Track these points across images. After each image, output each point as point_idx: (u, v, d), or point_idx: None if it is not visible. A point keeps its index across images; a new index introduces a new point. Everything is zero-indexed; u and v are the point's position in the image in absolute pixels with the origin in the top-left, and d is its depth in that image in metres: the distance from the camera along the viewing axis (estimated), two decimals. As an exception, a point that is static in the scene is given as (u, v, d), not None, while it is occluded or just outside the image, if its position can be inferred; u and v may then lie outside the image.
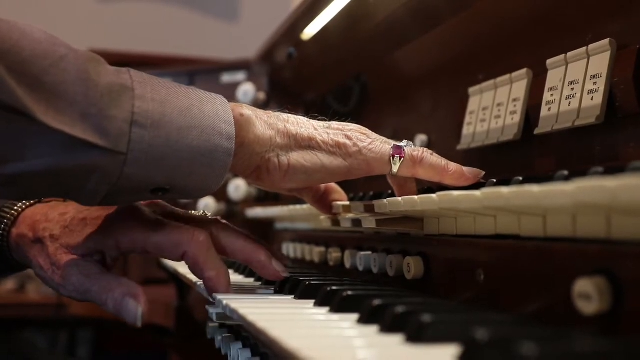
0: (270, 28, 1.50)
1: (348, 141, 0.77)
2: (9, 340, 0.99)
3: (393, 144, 0.77)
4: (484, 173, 0.76)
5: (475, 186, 0.71)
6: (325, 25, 1.22)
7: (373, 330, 0.50)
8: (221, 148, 0.70)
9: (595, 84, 0.69)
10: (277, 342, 0.44)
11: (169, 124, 0.68)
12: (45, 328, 2.60)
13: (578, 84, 0.71)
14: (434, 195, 0.61)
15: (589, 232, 0.48)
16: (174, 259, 0.76)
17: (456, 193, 0.58)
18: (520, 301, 0.55)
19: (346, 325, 0.53)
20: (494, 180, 0.67)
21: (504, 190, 0.50)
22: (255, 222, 1.51)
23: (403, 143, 0.78)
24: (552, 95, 0.75)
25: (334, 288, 0.63)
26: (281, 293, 0.74)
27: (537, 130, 0.76)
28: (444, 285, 0.68)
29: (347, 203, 0.83)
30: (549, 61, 0.76)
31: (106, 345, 2.56)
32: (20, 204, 0.84)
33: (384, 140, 0.79)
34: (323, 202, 0.88)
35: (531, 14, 0.85)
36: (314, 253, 1.02)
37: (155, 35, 2.77)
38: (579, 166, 0.73)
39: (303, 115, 0.80)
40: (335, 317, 0.57)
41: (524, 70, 0.81)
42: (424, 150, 0.78)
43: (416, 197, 0.65)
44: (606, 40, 0.68)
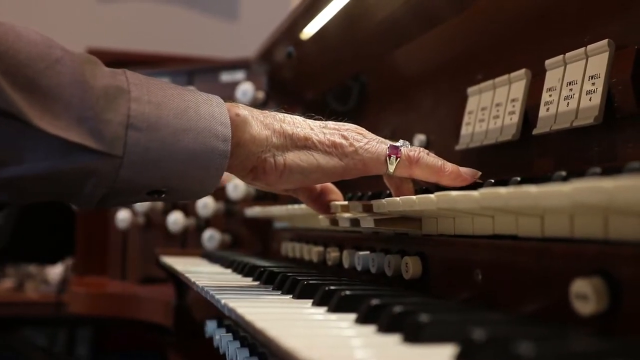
0: (269, 27, 1.50)
1: (344, 141, 0.77)
2: (7, 339, 0.99)
3: (389, 144, 0.77)
4: (480, 173, 0.77)
5: (473, 186, 0.71)
6: (324, 25, 1.22)
7: (371, 330, 0.50)
8: (217, 150, 0.70)
9: (593, 84, 0.69)
10: (275, 342, 0.44)
11: (165, 126, 0.68)
12: (44, 327, 2.60)
13: (576, 84, 0.71)
14: (432, 195, 0.62)
15: (586, 233, 0.48)
16: None
17: (454, 193, 0.58)
18: (517, 301, 0.55)
19: (344, 324, 0.53)
20: (492, 181, 0.67)
21: (502, 190, 0.50)
22: (253, 222, 1.51)
23: (399, 143, 0.78)
24: (551, 95, 0.75)
25: (332, 288, 0.63)
26: (279, 292, 0.74)
27: (536, 131, 0.76)
28: (442, 285, 0.69)
29: (346, 203, 0.83)
30: (547, 62, 0.76)
31: (105, 344, 2.56)
32: None
33: (380, 140, 0.79)
34: (319, 203, 0.88)
35: (530, 15, 0.86)
36: (312, 253, 1.02)
37: (155, 34, 2.77)
38: (577, 166, 0.73)
39: (301, 115, 0.80)
40: (333, 317, 0.57)
41: (522, 71, 0.81)
42: (421, 150, 0.78)
43: (414, 197, 0.65)
44: (604, 41, 0.68)
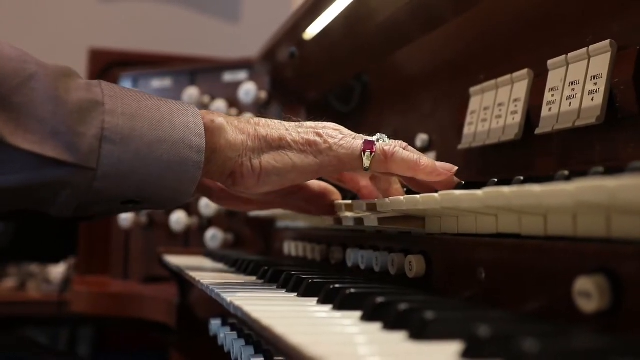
0: (270, 29, 1.50)
1: (318, 138, 0.77)
2: (10, 338, 0.99)
3: (364, 139, 0.77)
4: (457, 168, 0.77)
5: (477, 186, 0.71)
6: (327, 25, 1.22)
7: (376, 327, 0.50)
8: (191, 161, 0.71)
9: (595, 84, 0.70)
10: (283, 339, 0.45)
11: (139, 138, 0.69)
12: (45, 326, 2.61)
13: (578, 84, 0.72)
14: (436, 194, 0.62)
15: (589, 232, 0.49)
16: None
17: (458, 192, 0.59)
18: (521, 299, 0.56)
19: (349, 322, 0.53)
20: (495, 180, 0.68)
21: (505, 190, 0.51)
22: (256, 221, 1.51)
23: (375, 137, 0.78)
24: (553, 95, 0.76)
25: (337, 286, 0.64)
26: (284, 290, 0.75)
27: (538, 130, 0.77)
28: (445, 283, 0.69)
29: (350, 202, 0.83)
30: (549, 62, 0.77)
31: (107, 343, 2.57)
32: None
33: (356, 136, 0.79)
34: (318, 204, 0.89)
35: (532, 15, 0.86)
36: (315, 251, 1.02)
37: (157, 34, 2.78)
38: (579, 166, 0.73)
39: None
40: (339, 315, 0.57)
41: (525, 71, 0.82)
42: (397, 144, 0.78)
43: (418, 197, 0.65)
44: (607, 42, 0.69)
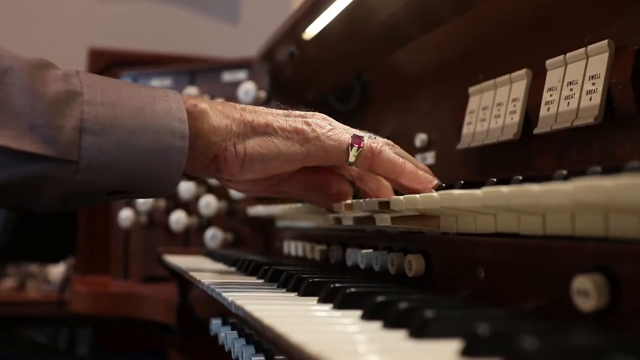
0: (269, 29, 1.51)
1: (306, 127, 0.76)
2: (9, 338, 1.00)
3: (353, 134, 0.77)
4: (437, 182, 0.77)
5: (476, 185, 0.72)
6: (326, 25, 1.23)
7: (376, 326, 0.51)
8: (175, 147, 0.70)
9: (593, 84, 0.70)
10: (284, 338, 0.45)
11: (120, 127, 0.67)
12: (45, 326, 2.61)
13: (577, 84, 0.72)
14: (435, 194, 0.63)
15: (587, 231, 0.49)
16: None
17: (457, 192, 0.59)
18: (519, 298, 0.56)
19: (350, 321, 0.54)
20: (494, 180, 0.68)
21: (504, 189, 0.51)
22: (256, 220, 1.52)
23: (364, 134, 0.77)
24: (551, 95, 0.76)
25: (337, 285, 0.64)
26: (284, 290, 0.75)
27: (537, 130, 0.77)
28: (444, 282, 0.70)
29: (361, 200, 0.82)
30: (548, 62, 0.77)
31: (106, 343, 2.57)
32: None
33: (346, 129, 0.78)
34: (320, 192, 0.86)
35: (531, 15, 0.86)
36: (315, 251, 1.03)
37: (157, 34, 2.78)
38: (577, 165, 0.74)
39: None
40: (339, 314, 0.58)
41: (523, 71, 0.82)
42: (385, 143, 0.77)
43: (417, 196, 0.66)
44: (605, 42, 0.69)
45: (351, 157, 0.76)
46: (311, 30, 1.28)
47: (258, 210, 1.39)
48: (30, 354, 0.94)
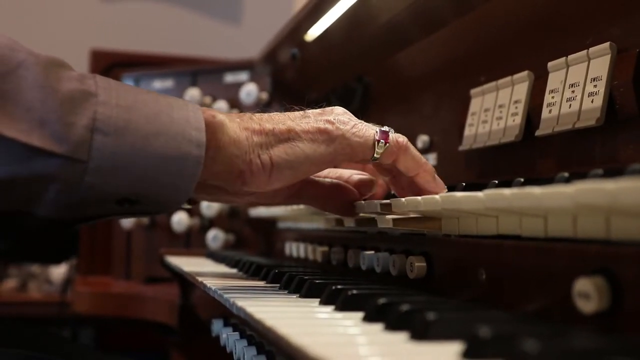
0: (271, 31, 1.51)
1: (330, 126, 0.74)
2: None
3: (378, 129, 0.75)
4: (446, 191, 0.77)
5: (478, 187, 0.72)
6: (328, 27, 1.23)
7: (378, 327, 0.51)
8: (190, 156, 0.67)
9: (595, 86, 0.70)
10: (286, 339, 0.45)
11: (135, 131, 0.65)
12: (47, 326, 2.61)
13: (579, 86, 0.72)
14: (436, 196, 0.63)
15: (589, 233, 0.49)
16: None
17: (459, 194, 0.59)
18: (521, 300, 0.56)
19: (351, 323, 0.54)
20: (496, 182, 0.68)
21: (506, 191, 0.51)
22: (257, 222, 1.52)
23: (387, 128, 0.76)
24: (553, 97, 0.76)
25: (339, 287, 0.64)
26: (286, 292, 0.75)
27: (538, 132, 0.77)
28: (446, 284, 0.70)
29: (362, 202, 0.82)
30: (550, 64, 0.77)
31: (108, 344, 2.57)
32: None
33: (367, 124, 0.76)
34: (331, 202, 0.85)
35: (533, 17, 0.87)
36: (317, 252, 1.03)
37: (159, 35, 2.78)
38: (579, 167, 0.74)
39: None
40: (341, 315, 0.58)
41: (525, 73, 0.82)
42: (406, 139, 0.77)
43: (419, 198, 0.66)
44: (606, 44, 0.69)
45: (377, 153, 0.75)
46: (313, 32, 1.28)
47: (260, 211, 1.39)
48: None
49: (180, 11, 2.89)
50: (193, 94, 1.73)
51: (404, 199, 0.69)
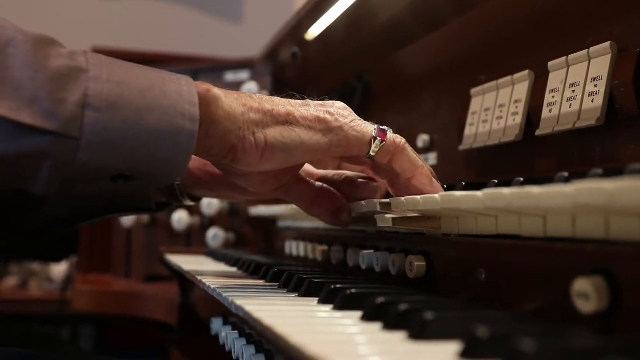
0: (272, 29, 1.51)
1: (329, 116, 0.74)
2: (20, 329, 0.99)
3: (377, 126, 0.75)
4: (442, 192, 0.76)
5: (477, 187, 0.72)
6: (329, 26, 1.23)
7: (376, 327, 0.51)
8: (184, 130, 0.66)
9: (595, 86, 0.70)
10: (284, 338, 0.45)
11: (127, 105, 0.64)
12: (47, 324, 2.62)
13: (579, 86, 0.72)
14: (436, 195, 0.63)
15: (588, 233, 0.49)
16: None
17: (458, 194, 0.59)
18: (520, 300, 0.56)
19: (350, 322, 0.54)
20: (496, 181, 0.68)
21: (505, 191, 0.51)
22: (258, 220, 1.52)
23: (386, 128, 0.76)
24: (554, 97, 0.76)
25: (338, 286, 0.64)
26: (285, 290, 0.75)
27: (539, 132, 0.77)
28: (445, 284, 0.69)
29: (362, 202, 0.82)
30: (550, 63, 0.77)
31: (108, 342, 2.57)
32: None
33: (366, 122, 0.76)
34: (319, 205, 0.84)
35: (533, 17, 0.86)
36: (316, 251, 1.03)
37: (160, 34, 2.78)
38: (579, 167, 0.74)
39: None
40: (339, 315, 0.58)
41: (525, 72, 0.82)
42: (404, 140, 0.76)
43: (419, 197, 0.66)
44: (607, 44, 0.69)
45: (373, 150, 0.74)
46: (314, 31, 1.28)
47: (260, 210, 1.39)
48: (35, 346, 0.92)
49: (181, 9, 2.89)
50: (194, 92, 1.73)
51: (403, 198, 0.69)
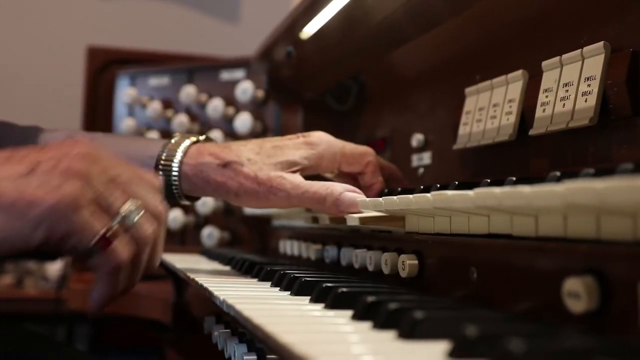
0: (269, 30, 1.50)
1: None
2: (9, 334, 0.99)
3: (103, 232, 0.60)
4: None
5: (470, 186, 0.72)
6: (323, 25, 1.22)
7: (366, 326, 0.51)
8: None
9: (589, 86, 0.70)
10: (273, 337, 0.45)
11: None
12: (43, 323, 2.61)
13: (572, 85, 0.72)
14: (428, 194, 0.62)
15: (579, 232, 0.49)
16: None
17: (450, 193, 0.59)
18: (511, 299, 0.56)
19: (340, 321, 0.54)
20: (488, 181, 0.68)
21: (496, 190, 0.51)
22: (252, 219, 1.52)
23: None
24: (547, 96, 0.76)
25: (329, 285, 0.64)
26: (277, 289, 0.75)
27: (532, 131, 0.77)
28: (437, 283, 0.69)
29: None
30: (544, 63, 0.77)
31: (103, 341, 2.57)
32: (174, 144, 0.93)
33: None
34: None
35: (527, 17, 0.86)
36: (310, 250, 1.03)
37: (156, 33, 2.77)
38: (572, 167, 0.74)
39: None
40: (330, 313, 0.58)
41: (519, 72, 0.82)
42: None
43: (411, 197, 0.66)
44: (600, 43, 0.69)
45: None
46: (309, 30, 1.27)
47: (254, 209, 1.39)
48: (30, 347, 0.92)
49: (178, 9, 2.89)
50: (189, 91, 1.73)
51: (381, 198, 0.73)
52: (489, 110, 0.87)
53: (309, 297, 0.66)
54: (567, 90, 0.73)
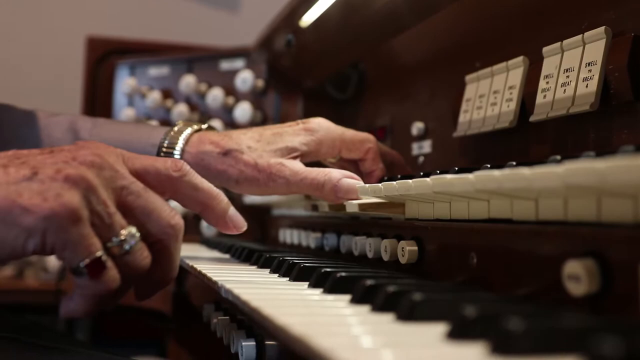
0: (269, 19, 1.50)
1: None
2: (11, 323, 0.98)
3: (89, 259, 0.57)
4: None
5: (469, 171, 0.71)
6: (323, 13, 1.22)
7: (365, 309, 0.50)
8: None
9: (590, 71, 0.69)
10: (270, 319, 0.45)
11: None
12: (43, 314, 2.61)
13: (573, 71, 0.72)
14: (427, 179, 0.62)
15: (579, 215, 0.49)
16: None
17: (450, 176, 0.58)
18: (512, 283, 0.56)
19: (339, 304, 0.53)
20: (488, 166, 0.67)
21: (496, 172, 0.51)
22: (252, 208, 1.51)
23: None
24: (548, 82, 0.75)
25: (328, 270, 0.64)
26: (276, 275, 0.75)
27: (533, 118, 0.77)
28: (437, 268, 0.69)
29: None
30: (545, 49, 0.77)
31: (104, 331, 2.57)
32: (176, 132, 0.94)
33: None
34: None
35: (528, 2, 0.86)
36: (310, 239, 1.02)
37: (155, 22, 2.76)
38: (573, 153, 0.73)
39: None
40: (329, 297, 0.57)
41: (520, 58, 0.82)
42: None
43: (411, 181, 0.65)
44: (601, 28, 0.69)
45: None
46: (308, 18, 1.27)
47: (254, 198, 1.38)
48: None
49: (178, -1, 2.87)
50: (189, 81, 1.72)
51: (381, 184, 0.72)
52: (489, 98, 0.86)
53: (308, 283, 0.65)
54: (568, 76, 0.72)
